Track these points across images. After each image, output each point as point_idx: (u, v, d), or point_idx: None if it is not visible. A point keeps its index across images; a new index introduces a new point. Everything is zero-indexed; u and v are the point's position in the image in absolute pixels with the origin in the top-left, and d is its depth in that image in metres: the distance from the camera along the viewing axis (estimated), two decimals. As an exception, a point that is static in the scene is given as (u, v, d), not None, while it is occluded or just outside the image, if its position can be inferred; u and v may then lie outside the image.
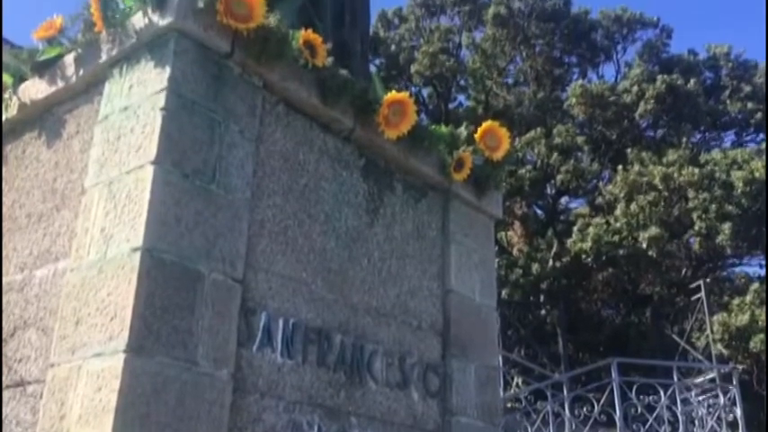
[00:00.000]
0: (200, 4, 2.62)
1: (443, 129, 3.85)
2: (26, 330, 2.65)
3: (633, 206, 15.86)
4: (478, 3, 21.07)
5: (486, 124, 3.98)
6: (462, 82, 21.92)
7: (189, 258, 2.42)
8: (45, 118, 3.06)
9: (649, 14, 20.55)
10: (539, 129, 18.30)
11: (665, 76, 17.90)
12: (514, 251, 19.14)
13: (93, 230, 2.49)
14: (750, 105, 18.55)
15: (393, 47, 21.24)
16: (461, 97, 22.44)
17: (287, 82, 2.97)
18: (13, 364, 2.63)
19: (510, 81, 21.80)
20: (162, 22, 2.60)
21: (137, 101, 2.59)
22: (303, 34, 3.01)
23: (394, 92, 3.36)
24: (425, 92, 21.73)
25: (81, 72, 2.87)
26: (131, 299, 2.24)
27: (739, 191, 14.91)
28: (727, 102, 18.87)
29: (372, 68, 7.45)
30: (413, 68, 20.19)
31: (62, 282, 2.56)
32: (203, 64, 2.67)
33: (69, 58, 2.92)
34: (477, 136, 3.91)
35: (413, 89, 20.85)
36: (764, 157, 15.10)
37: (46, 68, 3.01)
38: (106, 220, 2.46)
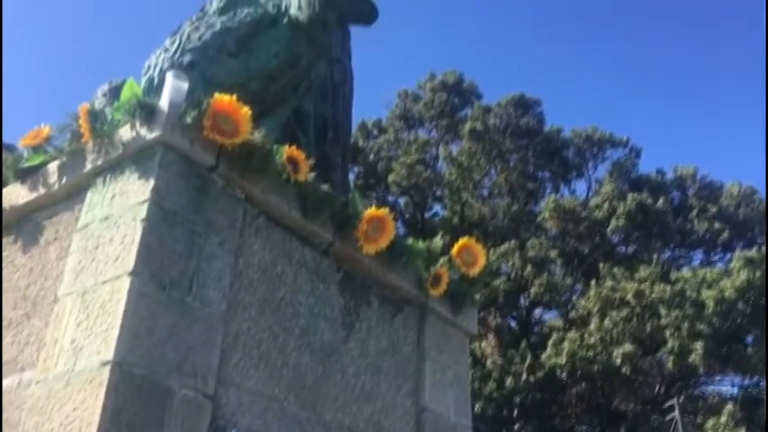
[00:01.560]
0: (188, 120, 2.68)
1: (421, 244, 3.89)
2: (-17, 444, 2.53)
3: (607, 321, 15.90)
4: (456, 117, 21.78)
5: (462, 240, 4.03)
6: (438, 192, 22.31)
7: (160, 372, 2.37)
8: (23, 223, 3.05)
9: (619, 134, 21.35)
10: (513, 241, 18.54)
11: (635, 195, 18.41)
12: (488, 363, 18.92)
13: (63, 341, 2.43)
14: (717, 225, 19.04)
15: (372, 156, 21.70)
16: (437, 207, 22.79)
17: (269, 196, 3.01)
18: (-35, 481, 2.49)
19: (485, 193, 22.24)
20: (149, 135, 2.65)
21: (118, 211, 2.60)
22: (287, 150, 3.08)
23: (374, 207, 3.41)
24: (402, 201, 22.04)
25: (64, 180, 2.89)
26: (97, 415, 2.17)
27: (710, 310, 15.06)
28: (695, 221, 19.36)
29: (351, 177, 7.58)
30: (390, 178, 20.56)
31: (27, 393, 2.48)
32: (187, 176, 2.71)
33: (53, 166, 2.95)
34: (453, 251, 3.95)
35: (390, 198, 21.19)
36: (733, 277, 15.34)
37: (29, 175, 3.03)
38: (77, 330, 2.41)
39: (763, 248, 16.27)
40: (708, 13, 34.07)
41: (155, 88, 3.33)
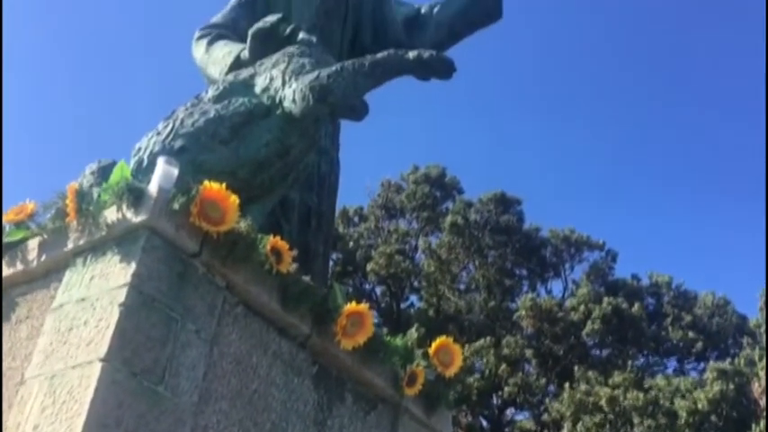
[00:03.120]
0: (176, 206, 2.68)
1: (398, 341, 3.85)
2: None
3: (580, 426, 15.67)
4: (437, 210, 22.03)
5: (440, 339, 3.99)
6: (416, 283, 22.29)
7: (123, 465, 2.27)
8: (-3, 299, 2.99)
9: (596, 237, 21.66)
10: (488, 338, 18.43)
11: (611, 299, 18.52)
12: (458, 463, 18.43)
13: (26, 426, 2.34)
14: (691, 335, 19.11)
15: (351, 244, 21.75)
16: (414, 298, 22.70)
17: (249, 285, 2.99)
18: None
19: (462, 287, 22.24)
20: (135, 219, 2.64)
21: (96, 293, 2.56)
22: (271, 240, 3.08)
23: (354, 303, 3.39)
24: (379, 290, 21.98)
25: (43, 257, 2.85)
26: None
27: (683, 420, 14.92)
28: (669, 329, 19.43)
29: (330, 264, 7.58)
30: (369, 267, 20.55)
31: (-21, 480, 2.36)
32: (169, 262, 2.69)
33: (33, 242, 2.92)
34: (431, 350, 3.91)
35: (367, 287, 21.12)
36: (706, 389, 15.28)
37: (8, 250, 2.99)
38: (42, 416, 2.33)
39: (737, 360, 16.30)
40: (687, 124, 35.29)
41: (143, 170, 3.34)
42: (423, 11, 5.25)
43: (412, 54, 3.73)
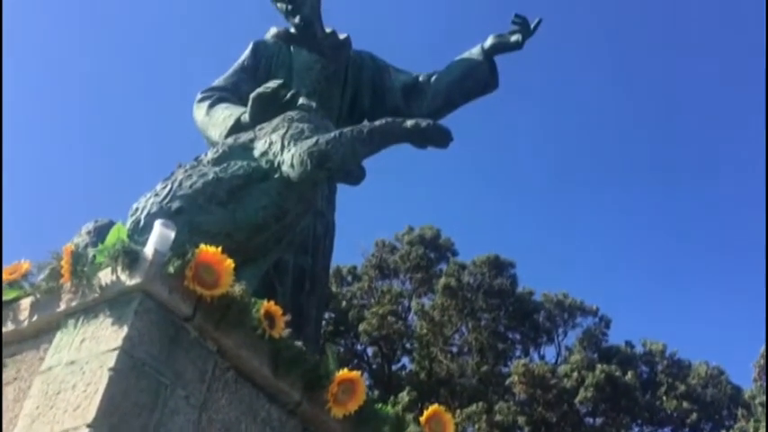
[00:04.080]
0: (171, 269, 2.68)
1: (390, 409, 3.79)
2: None
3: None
4: (430, 271, 21.97)
5: (432, 408, 3.93)
6: (408, 345, 22.07)
7: None
8: (-16, 359, 2.95)
9: (589, 303, 21.58)
10: (480, 403, 18.15)
11: (604, 366, 18.35)
12: None
13: (7, 494, 2.29)
14: (685, 405, 18.87)
15: (344, 303, 21.61)
16: (406, 359, 22.45)
17: (241, 350, 2.96)
18: None
19: (455, 350, 22.03)
20: (129, 281, 2.63)
21: (86, 356, 2.53)
22: (265, 305, 3.06)
23: (346, 370, 3.36)
24: (371, 351, 21.74)
25: (35, 317, 2.83)
26: None
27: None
28: (664, 398, 19.20)
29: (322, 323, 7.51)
30: (361, 327, 20.38)
31: None
32: (162, 325, 2.67)
33: (26, 302, 2.90)
34: (422, 419, 3.85)
35: (359, 347, 20.91)
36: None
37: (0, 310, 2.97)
38: (24, 483, 2.27)
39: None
40: (684, 191, 35.62)
41: (140, 230, 3.35)
42: (421, 79, 5.36)
43: (410, 123, 3.79)
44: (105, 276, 2.71)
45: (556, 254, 34.30)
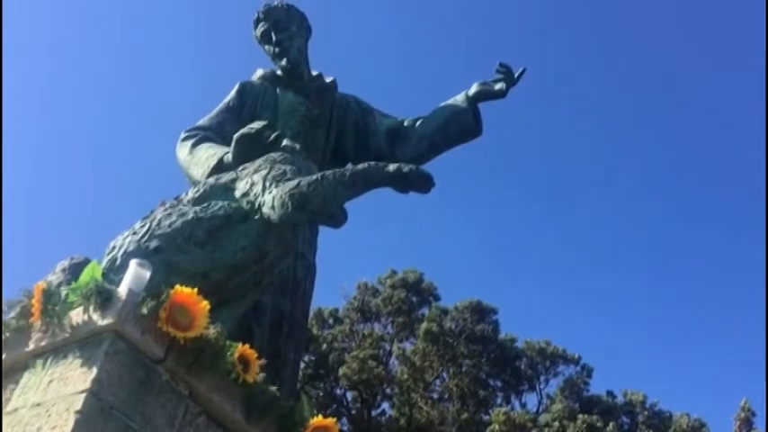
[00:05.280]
0: (144, 310, 2.63)
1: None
2: None
3: None
4: (412, 316, 21.82)
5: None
6: (388, 390, 21.80)
7: None
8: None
9: (571, 351, 21.46)
10: (460, 452, 17.88)
11: (586, 416, 18.16)
12: None
13: None
14: (667, 457, 18.70)
15: (324, 346, 21.36)
16: (386, 405, 22.13)
17: (213, 394, 2.89)
18: None
19: (435, 396, 21.77)
20: (101, 321, 2.58)
21: (52, 398, 2.46)
22: (240, 349, 3.01)
23: (321, 416, 3.30)
24: (350, 395, 21.43)
25: (3, 356, 2.76)
26: None
27: None
28: (646, 451, 19.03)
29: (301, 365, 7.37)
30: (341, 371, 20.11)
31: None
32: (132, 368, 2.61)
33: (-6, 341, 2.83)
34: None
35: (338, 391, 20.62)
36: None
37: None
38: None
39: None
40: (671, 240, 35.84)
41: (116, 269, 3.30)
42: (405, 123, 5.40)
43: (392, 167, 3.79)
44: (77, 316, 2.66)
45: (538, 301, 34.29)
